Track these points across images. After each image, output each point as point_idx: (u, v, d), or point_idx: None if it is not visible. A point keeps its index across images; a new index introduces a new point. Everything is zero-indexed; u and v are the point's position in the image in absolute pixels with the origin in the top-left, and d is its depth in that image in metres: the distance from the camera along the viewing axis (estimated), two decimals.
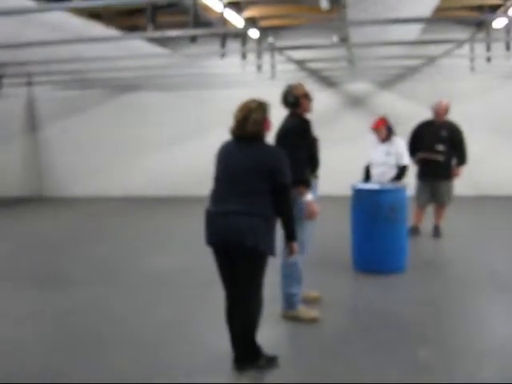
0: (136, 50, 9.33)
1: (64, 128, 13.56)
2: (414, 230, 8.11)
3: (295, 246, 3.98)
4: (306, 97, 4.92)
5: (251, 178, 3.72)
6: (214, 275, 4.12)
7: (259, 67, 9.83)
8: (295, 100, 4.86)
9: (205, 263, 3.90)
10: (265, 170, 3.72)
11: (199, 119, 12.62)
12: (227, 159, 3.88)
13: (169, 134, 13.07)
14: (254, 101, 3.84)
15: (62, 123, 13.59)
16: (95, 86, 12.98)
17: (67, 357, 4.33)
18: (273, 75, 10.48)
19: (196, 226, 4.60)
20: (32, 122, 13.78)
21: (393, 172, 7.07)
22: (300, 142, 4.73)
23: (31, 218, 11.25)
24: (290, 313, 4.91)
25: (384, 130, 7.07)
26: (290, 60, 10.24)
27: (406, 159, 7.14)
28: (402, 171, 7.07)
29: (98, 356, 4.33)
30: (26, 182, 13.94)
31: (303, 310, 4.92)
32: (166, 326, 4.91)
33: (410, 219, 7.79)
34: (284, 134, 4.81)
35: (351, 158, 10.78)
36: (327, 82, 12.21)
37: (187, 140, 12.87)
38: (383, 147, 7.14)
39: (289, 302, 4.92)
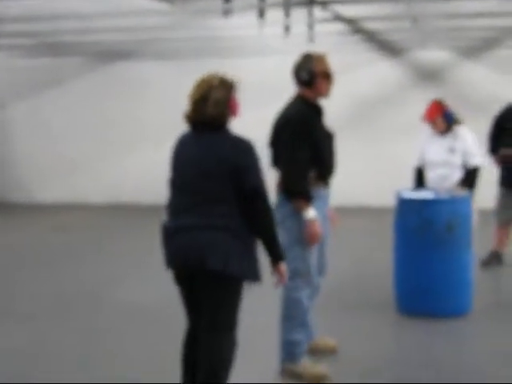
0: (124, 6, 9.51)
1: (28, 109, 13.92)
2: (494, 257, 8.09)
3: (283, 267, 4.00)
4: (326, 76, 4.98)
5: (211, 180, 3.84)
6: None
7: (287, 28, 9.90)
8: (310, 77, 4.93)
9: None
10: (226, 168, 3.83)
11: None
12: (180, 156, 4.05)
13: (168, 120, 13.18)
14: (216, 76, 3.99)
15: (25, 102, 13.96)
16: (72, 53, 13.25)
17: None
18: (310, 38, 10.55)
19: None
20: None
21: (458, 175, 7.06)
22: (302, 138, 4.80)
23: None
24: (290, 367, 4.97)
25: (441, 120, 7.02)
26: (337, 18, 10.27)
27: (478, 158, 7.08)
28: (473, 175, 7.02)
29: None
30: None
31: (307, 365, 4.96)
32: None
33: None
34: (282, 123, 4.90)
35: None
36: (389, 48, 12.22)
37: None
38: (443, 141, 7.11)
39: (289, 352, 4.97)
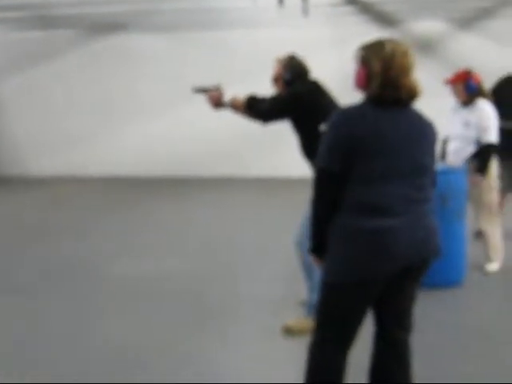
0: None
1: (23, 83, 13.90)
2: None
3: None
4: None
5: (429, 159, 3.48)
6: (205, 284, 4.08)
7: (281, 0, 9.93)
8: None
9: (196, 270, 3.85)
10: (434, 144, 3.52)
11: (206, 70, 12.74)
12: (383, 138, 3.34)
13: (165, 93, 13.22)
14: (400, 42, 3.44)
15: (20, 76, 13.92)
16: (65, 26, 13.20)
17: None
18: (305, 11, 10.56)
19: (193, 217, 4.51)
20: None
21: (471, 149, 6.75)
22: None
23: None
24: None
25: (462, 88, 6.77)
26: None
27: (493, 135, 6.67)
28: (484, 152, 6.66)
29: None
30: None
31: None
32: (118, 356, 5.11)
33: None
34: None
35: None
36: (383, 19, 12.19)
37: (190, 101, 12.97)
38: (462, 114, 6.85)
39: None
